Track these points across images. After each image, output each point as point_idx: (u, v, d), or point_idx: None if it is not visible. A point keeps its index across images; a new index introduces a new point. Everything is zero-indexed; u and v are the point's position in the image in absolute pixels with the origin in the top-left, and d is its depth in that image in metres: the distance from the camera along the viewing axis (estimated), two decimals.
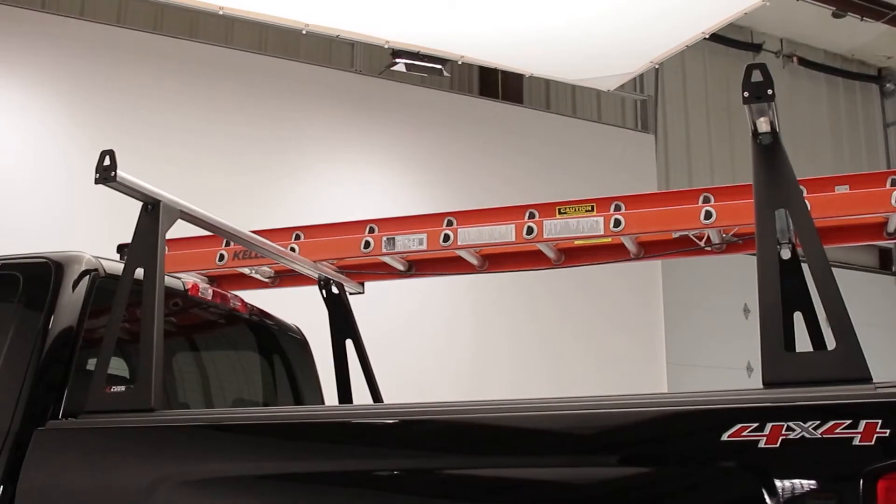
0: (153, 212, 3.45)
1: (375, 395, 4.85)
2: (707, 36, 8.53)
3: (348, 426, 2.81)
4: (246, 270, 4.81)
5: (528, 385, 10.35)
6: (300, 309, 5.28)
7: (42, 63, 8.65)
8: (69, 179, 8.51)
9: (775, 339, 2.57)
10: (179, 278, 4.09)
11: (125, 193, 3.43)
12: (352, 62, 10.46)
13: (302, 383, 4.76)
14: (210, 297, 4.07)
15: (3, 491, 2.98)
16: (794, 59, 14.33)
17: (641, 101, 12.31)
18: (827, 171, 14.31)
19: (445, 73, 9.50)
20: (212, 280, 4.92)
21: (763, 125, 2.81)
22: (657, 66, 9.37)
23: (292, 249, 4.57)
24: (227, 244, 4.66)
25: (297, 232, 4.67)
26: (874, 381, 2.48)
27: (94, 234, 8.29)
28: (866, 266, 14.45)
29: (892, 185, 3.81)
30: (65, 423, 3.12)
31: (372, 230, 4.53)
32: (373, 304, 5.21)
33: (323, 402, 4.88)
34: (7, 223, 8.15)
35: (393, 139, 10.23)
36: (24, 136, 8.48)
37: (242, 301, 4.37)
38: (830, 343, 2.59)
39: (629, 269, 7.08)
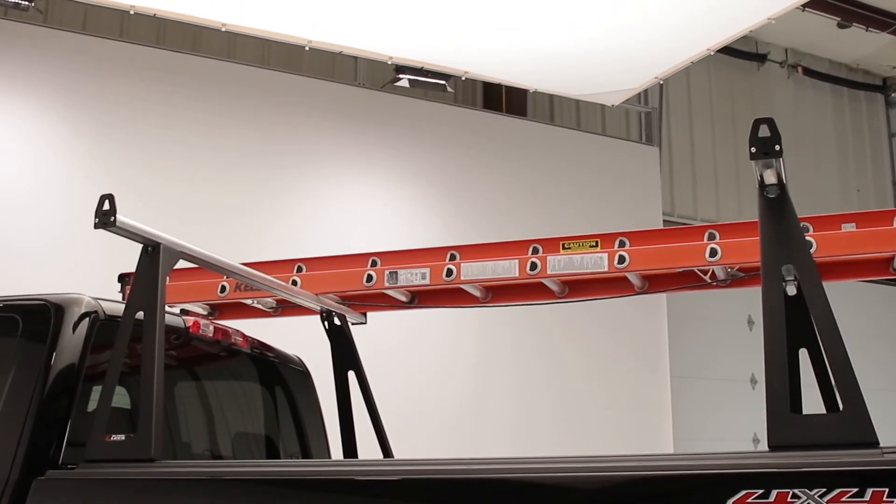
0: (153, 254, 3.42)
1: (377, 426, 4.83)
2: (712, 53, 8.49)
3: (353, 483, 2.78)
4: (248, 301, 4.78)
5: (531, 400, 10.32)
6: (303, 333, 5.27)
7: (44, 77, 8.64)
8: (70, 193, 8.50)
9: (781, 402, 2.54)
10: (180, 315, 4.07)
11: (126, 237, 3.40)
12: (355, 76, 10.44)
13: (304, 415, 4.73)
14: (211, 334, 4.04)
15: None
16: (799, 68, 14.28)
17: (646, 114, 12.28)
18: (832, 180, 14.28)
19: (449, 89, 9.47)
20: (214, 309, 4.91)
21: (770, 177, 2.78)
22: (662, 82, 9.33)
23: (294, 282, 4.54)
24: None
25: (299, 264, 4.64)
26: (881, 444, 2.45)
27: (95, 248, 8.29)
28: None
29: None
30: (65, 473, 3.09)
31: (374, 263, 4.50)
32: (375, 318, 5.19)
33: (325, 433, 4.86)
34: (7, 236, 8.14)
35: (396, 153, 10.20)
36: (25, 150, 8.47)
37: (244, 336, 4.34)
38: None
39: None
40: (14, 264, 8.10)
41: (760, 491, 2.30)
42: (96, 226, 3.25)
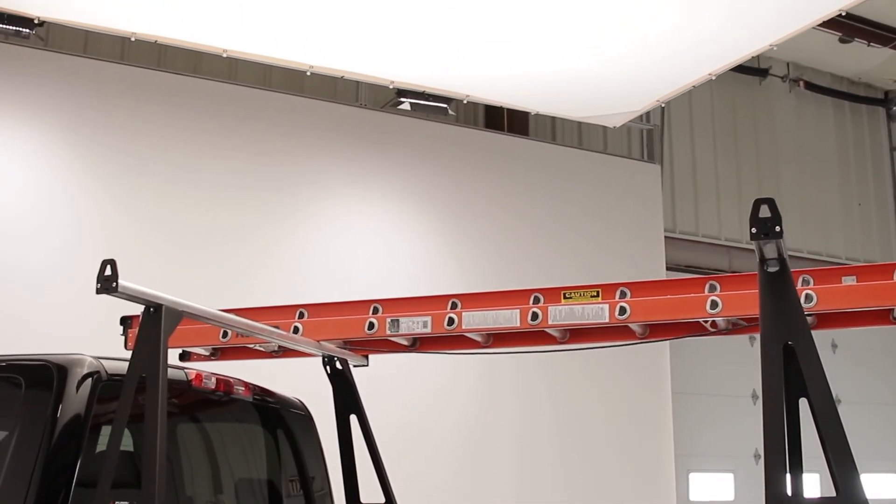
0: (155, 315, 3.43)
1: (379, 469, 4.85)
2: (713, 78, 8.50)
3: None
4: (250, 345, 4.80)
5: (532, 417, 10.33)
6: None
7: (44, 99, 8.64)
8: (71, 215, 8.51)
9: (780, 487, 2.55)
10: (181, 359, 4.07)
11: (128, 300, 3.41)
12: (357, 97, 10.45)
13: (307, 459, 4.77)
14: (213, 386, 4.06)
15: None
16: (801, 83, 14.29)
17: (647, 131, 12.28)
18: (833, 194, 14.29)
19: (451, 112, 9.48)
20: (216, 351, 4.93)
21: (770, 252, 2.78)
22: (663, 105, 9.35)
23: (296, 329, 4.56)
24: None
25: (301, 310, 4.65)
26: None
27: (96, 267, 8.31)
28: None
29: None
30: None
31: (376, 310, 4.52)
32: None
33: (327, 476, 4.88)
34: (8, 258, 8.15)
35: (398, 173, 10.21)
36: (26, 172, 8.46)
37: (245, 384, 4.36)
38: None
39: None
40: (15, 287, 8.11)
41: None
42: (98, 291, 3.26)
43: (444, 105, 9.33)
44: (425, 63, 8.65)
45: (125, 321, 4.84)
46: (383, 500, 4.87)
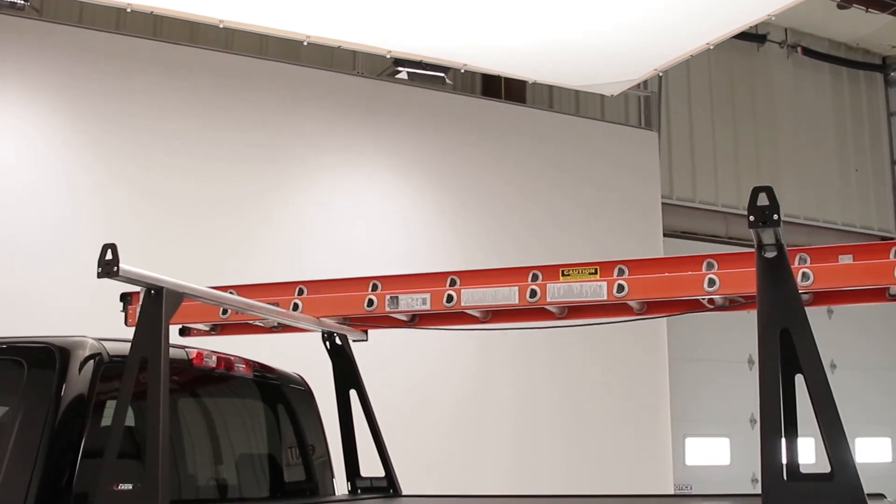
0: (156, 297, 3.44)
1: (379, 443, 4.90)
2: (712, 47, 8.47)
3: None
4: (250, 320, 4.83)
5: (532, 385, 10.39)
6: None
7: (39, 71, 8.61)
8: (68, 186, 8.51)
9: (777, 468, 2.59)
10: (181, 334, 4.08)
11: (129, 283, 3.43)
12: (354, 65, 10.41)
13: (307, 434, 4.80)
14: (214, 365, 4.09)
15: None
16: (799, 48, 14.23)
17: (645, 98, 12.26)
18: (830, 160, 14.29)
19: (448, 81, 9.45)
20: (216, 326, 4.95)
21: (768, 238, 2.79)
22: (661, 74, 9.33)
23: (295, 305, 4.57)
24: (231, 294, 4.66)
25: (301, 286, 4.66)
26: None
27: (96, 242, 8.32)
28: None
29: (895, 257, 3.80)
30: None
31: (375, 287, 4.53)
32: None
33: (327, 450, 4.92)
34: (4, 234, 8.15)
35: (395, 141, 10.21)
36: (21, 146, 8.45)
37: (246, 362, 4.39)
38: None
39: None
40: (12, 261, 8.12)
41: None
42: (100, 275, 3.27)
43: (442, 74, 9.31)
44: (422, 32, 8.62)
45: (125, 298, 4.85)
46: (383, 473, 4.92)
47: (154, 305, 3.45)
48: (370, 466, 4.95)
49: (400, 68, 9.28)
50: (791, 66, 14.30)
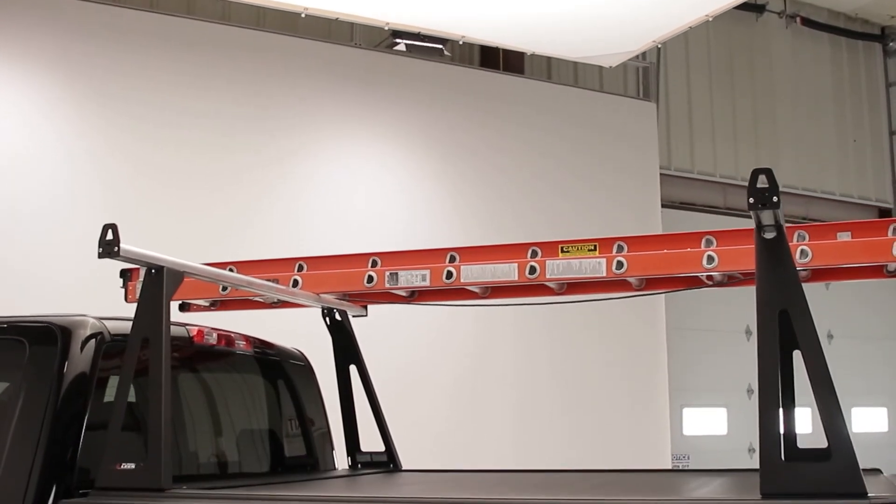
0: (157, 276, 3.46)
1: (379, 418, 4.94)
2: (710, 19, 8.45)
3: None
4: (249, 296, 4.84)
5: (530, 355, 10.43)
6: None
7: (34, 43, 8.53)
8: (65, 160, 8.48)
9: (775, 449, 2.61)
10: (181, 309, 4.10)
11: (130, 263, 3.44)
12: (351, 36, 10.36)
13: (307, 409, 4.84)
14: (215, 342, 4.11)
15: None
16: (798, 19, 14.17)
17: (643, 68, 12.22)
18: (828, 130, 14.27)
19: (446, 53, 9.42)
20: (216, 301, 4.97)
21: (767, 219, 2.81)
22: (659, 46, 9.29)
23: (295, 281, 4.59)
24: (231, 271, 4.67)
25: (300, 262, 4.67)
26: (869, 494, 2.53)
27: (92, 213, 8.33)
28: None
29: (893, 234, 3.81)
30: (77, 502, 3.17)
31: (375, 263, 4.54)
32: None
33: (328, 426, 4.96)
34: (2, 205, 8.13)
35: (393, 113, 10.18)
36: (17, 117, 8.40)
37: (246, 338, 4.41)
38: None
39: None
40: (7, 233, 8.11)
41: None
42: (100, 255, 3.29)
43: (440, 46, 9.27)
44: (420, 4, 8.58)
45: (125, 274, 4.86)
46: (383, 448, 4.96)
47: (155, 285, 3.47)
48: (370, 441, 4.99)
49: (398, 40, 9.25)
50: (790, 37, 14.25)
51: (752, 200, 2.74)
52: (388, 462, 4.93)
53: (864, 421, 13.91)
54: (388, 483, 4.28)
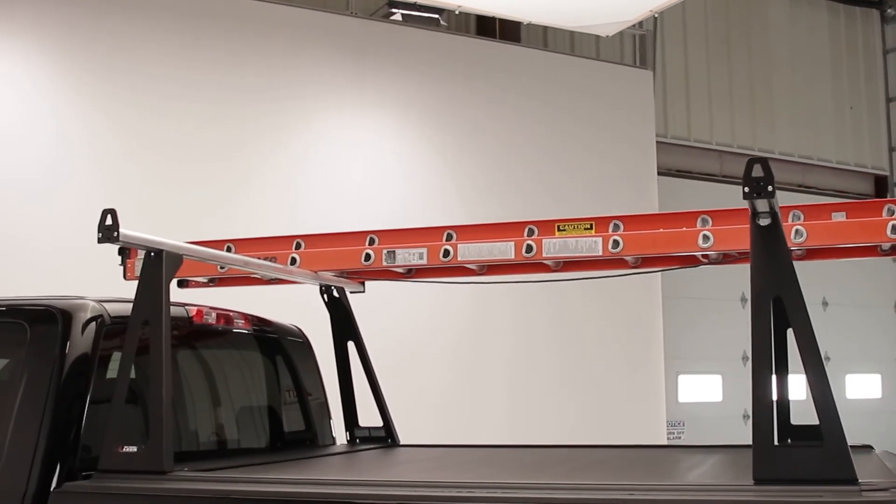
0: (156, 259, 3.49)
1: (377, 394, 4.98)
2: None
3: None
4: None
5: (528, 321, 10.46)
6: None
7: (26, 15, 8.48)
8: (60, 134, 8.46)
9: (767, 436, 2.65)
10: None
11: (130, 247, 3.46)
12: (347, 6, 10.31)
13: (306, 385, 4.88)
14: (214, 321, 4.14)
15: None
16: None
17: (640, 36, 12.18)
18: (825, 97, 14.25)
19: (442, 23, 9.38)
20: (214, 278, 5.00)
21: (762, 206, 2.83)
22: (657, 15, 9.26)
23: (293, 259, 4.61)
24: (229, 250, 4.69)
25: (298, 240, 4.69)
26: (859, 479, 2.57)
27: (87, 183, 8.34)
28: (861, 193, 14.49)
29: (888, 215, 3.84)
30: (80, 485, 3.21)
31: (372, 241, 4.56)
32: None
33: (326, 401, 5.00)
34: None
35: (389, 83, 10.16)
36: (13, 89, 8.37)
37: (245, 317, 4.44)
38: None
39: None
40: (3, 201, 8.10)
41: None
42: (100, 240, 3.31)
43: (436, 15, 9.23)
44: None
45: (123, 252, 4.87)
46: (381, 423, 5.01)
47: (154, 267, 3.49)
48: (368, 416, 5.04)
49: (394, 10, 9.21)
50: (787, 3, 14.20)
51: (747, 190, 2.76)
52: (385, 437, 4.98)
53: (858, 388, 14.01)
54: (384, 461, 4.33)
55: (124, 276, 4.77)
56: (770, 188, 2.74)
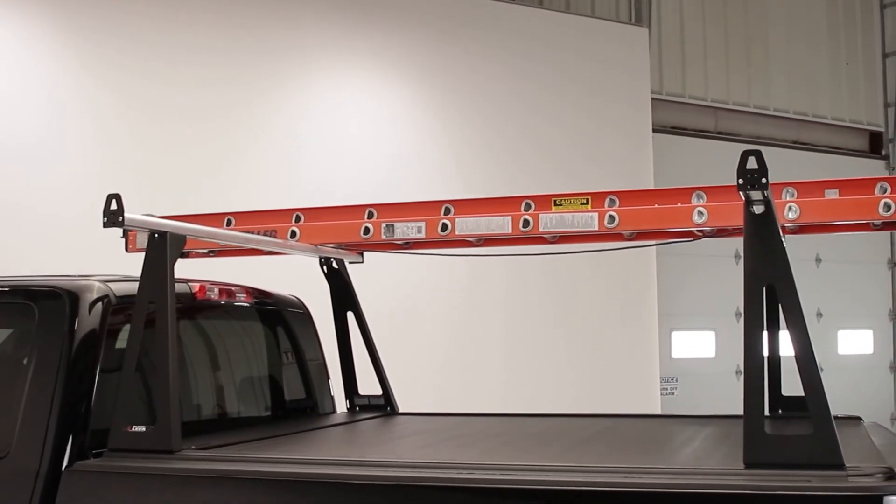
0: (160, 241, 3.54)
1: (376, 364, 5.07)
2: None
3: (360, 484, 2.99)
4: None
5: (523, 278, 10.53)
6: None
7: None
8: (54, 97, 8.44)
9: (758, 421, 2.74)
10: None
11: (134, 230, 3.51)
12: None
13: (306, 355, 4.97)
14: (216, 296, 4.21)
15: None
16: None
17: None
18: (821, 54, 14.21)
19: None
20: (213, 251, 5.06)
21: (756, 195, 2.89)
22: None
23: (293, 232, 4.67)
24: (229, 223, 4.75)
25: (298, 213, 4.75)
26: (846, 465, 2.66)
27: (82, 148, 8.34)
28: (856, 150, 14.53)
29: (881, 192, 3.90)
30: (91, 464, 3.29)
31: (371, 215, 4.62)
32: None
33: (326, 371, 5.09)
34: None
35: (384, 43, 10.14)
36: (6, 52, 8.33)
37: (246, 290, 4.52)
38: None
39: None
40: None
41: None
42: (105, 225, 3.37)
43: None
44: None
45: (126, 234, 4.93)
46: (380, 392, 5.10)
47: (159, 249, 3.55)
48: (368, 385, 5.13)
49: None
50: None
51: (741, 182, 2.82)
52: (384, 405, 5.08)
53: (850, 343, 14.16)
54: (385, 434, 4.42)
55: (126, 249, 4.84)
56: (764, 180, 2.80)
